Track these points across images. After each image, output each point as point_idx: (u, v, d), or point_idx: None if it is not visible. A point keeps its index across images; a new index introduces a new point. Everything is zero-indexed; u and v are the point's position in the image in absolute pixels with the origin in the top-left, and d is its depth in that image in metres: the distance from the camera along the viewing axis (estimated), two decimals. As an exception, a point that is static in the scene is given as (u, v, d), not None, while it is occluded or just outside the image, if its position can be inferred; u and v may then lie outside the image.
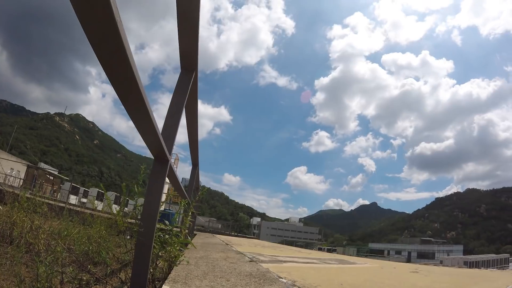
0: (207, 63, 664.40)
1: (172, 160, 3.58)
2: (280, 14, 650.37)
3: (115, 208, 3.46)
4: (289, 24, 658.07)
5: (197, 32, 2.85)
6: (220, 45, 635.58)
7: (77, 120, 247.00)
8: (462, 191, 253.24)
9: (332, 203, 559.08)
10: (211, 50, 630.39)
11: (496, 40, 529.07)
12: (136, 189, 3.21)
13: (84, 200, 33.36)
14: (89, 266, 3.55)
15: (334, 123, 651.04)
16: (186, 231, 4.42)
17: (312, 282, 3.54)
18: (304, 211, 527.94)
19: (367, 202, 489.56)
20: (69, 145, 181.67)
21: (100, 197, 32.34)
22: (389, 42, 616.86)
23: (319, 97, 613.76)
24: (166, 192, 32.54)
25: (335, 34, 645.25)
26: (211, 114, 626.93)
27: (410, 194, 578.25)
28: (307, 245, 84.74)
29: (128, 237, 3.50)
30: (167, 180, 3.33)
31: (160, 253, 3.33)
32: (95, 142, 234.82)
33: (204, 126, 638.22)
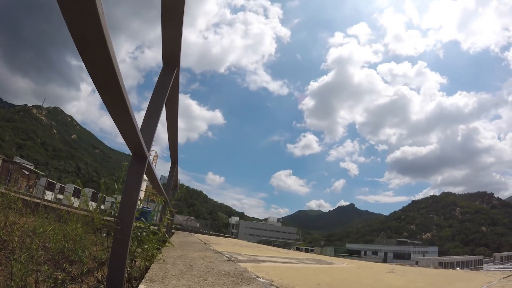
0: (209, 66, 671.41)
1: (151, 157, 3.53)
2: (276, 24, 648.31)
3: (92, 205, 3.40)
4: (284, 33, 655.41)
5: (181, 28, 2.82)
6: (223, 49, 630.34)
7: (55, 114, 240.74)
8: (438, 194, 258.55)
9: (313, 205, 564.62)
10: (213, 53, 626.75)
11: (477, 54, 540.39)
12: (116, 186, 3.16)
13: (61, 196, 32.72)
14: (64, 265, 3.48)
15: (323, 127, 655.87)
16: (164, 229, 4.37)
17: (289, 282, 3.55)
18: (285, 211, 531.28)
19: (345, 204, 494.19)
20: (46, 139, 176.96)
21: (76, 193, 31.76)
22: (387, 53, 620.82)
23: (309, 102, 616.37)
24: (144, 189, 32.21)
25: (334, 42, 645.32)
26: (206, 117, 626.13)
27: (388, 197, 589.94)
28: (285, 245, 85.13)
29: (104, 234, 3.44)
30: (145, 177, 3.29)
31: (137, 252, 3.29)
32: (72, 136, 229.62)
33: (197, 128, 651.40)
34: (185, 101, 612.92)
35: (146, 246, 3.35)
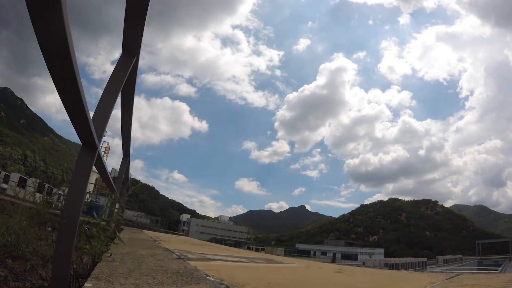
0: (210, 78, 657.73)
1: (103, 149, 3.40)
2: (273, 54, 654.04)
3: (38, 196, 3.22)
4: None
5: (144, 16, 2.75)
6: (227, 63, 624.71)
7: (5, 95, 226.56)
8: (385, 200, 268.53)
9: (269, 206, 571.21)
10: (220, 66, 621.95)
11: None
12: (65, 177, 3.02)
13: (5, 185, 31.04)
14: (7, 261, 3.30)
15: (295, 137, 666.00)
16: (114, 225, 4.25)
17: (240, 281, 3.55)
18: (241, 211, 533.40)
19: (296, 205, 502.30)
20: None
21: (22, 183, 30.23)
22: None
23: (286, 113, 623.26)
24: (94, 182, 31.18)
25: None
26: (195, 125, 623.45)
27: (340, 203, 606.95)
28: (236, 244, 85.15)
29: (50, 229, 3.28)
30: (96, 169, 3.18)
31: (84, 248, 3.16)
32: (21, 121, 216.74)
33: (180, 132, 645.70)
34: (176, 103, 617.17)
35: (94, 243, 3.23)
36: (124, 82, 2.96)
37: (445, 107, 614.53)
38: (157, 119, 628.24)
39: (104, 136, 2.73)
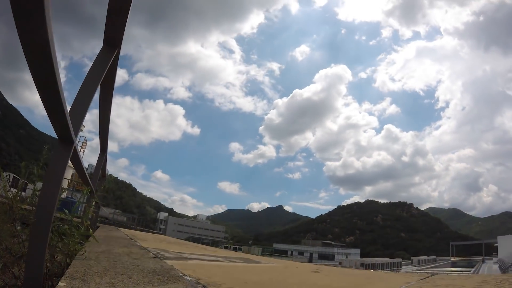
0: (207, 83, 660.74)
1: (80, 144, 3.32)
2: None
3: (12, 192, 3.12)
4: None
5: (128, 7, 2.69)
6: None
7: None
8: (362, 202, 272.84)
9: (250, 206, 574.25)
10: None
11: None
12: (35, 171, 2.93)
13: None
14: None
15: (280, 141, 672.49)
16: (88, 222, 4.16)
17: (217, 280, 3.52)
18: (218, 210, 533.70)
19: (274, 205, 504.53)
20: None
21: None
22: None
23: (275, 117, 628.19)
24: (69, 178, 30.59)
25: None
26: (187, 130, 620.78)
27: (318, 205, 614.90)
28: (213, 243, 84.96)
29: (19, 227, 3.17)
30: (71, 164, 3.10)
31: (58, 246, 3.08)
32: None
33: (172, 134, 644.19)
34: (170, 106, 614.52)
35: (68, 240, 3.16)
36: (104, 75, 2.90)
37: (423, 116, 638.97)
38: (150, 121, 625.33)
39: (82, 130, 2.64)
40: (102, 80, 2.87)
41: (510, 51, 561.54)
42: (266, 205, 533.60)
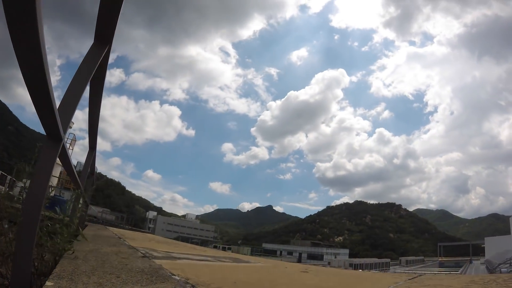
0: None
1: (69, 141, 3.29)
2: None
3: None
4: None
5: (120, 3, 2.68)
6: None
7: None
8: (351, 202, 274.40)
9: (241, 206, 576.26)
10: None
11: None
12: (26, 169, 2.90)
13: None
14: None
15: (273, 142, 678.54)
16: (77, 221, 4.13)
17: (206, 280, 3.52)
18: (208, 210, 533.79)
19: (263, 205, 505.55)
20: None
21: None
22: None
23: (268, 119, 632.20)
24: (58, 176, 30.29)
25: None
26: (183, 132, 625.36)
27: (308, 205, 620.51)
28: (202, 243, 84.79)
29: (6, 225, 3.13)
30: (60, 162, 3.08)
31: (46, 245, 3.05)
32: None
33: (167, 136, 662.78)
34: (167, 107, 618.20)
35: (56, 239, 3.13)
36: (94, 72, 2.86)
37: (412, 120, 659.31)
38: (145, 121, 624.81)
39: (71, 127, 2.62)
40: (92, 77, 2.83)
41: (503, 61, 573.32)
42: (257, 205, 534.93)
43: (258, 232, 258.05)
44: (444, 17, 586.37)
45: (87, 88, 2.98)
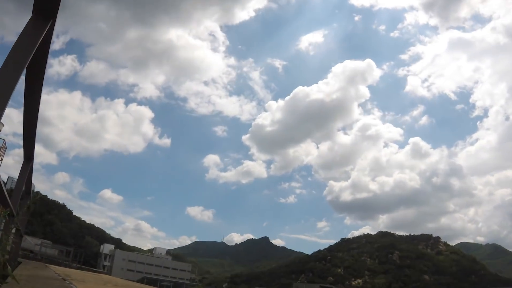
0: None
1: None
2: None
3: None
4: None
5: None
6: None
7: None
8: (373, 234, 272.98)
9: (235, 238, 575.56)
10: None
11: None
12: None
13: None
14: None
15: (272, 155, 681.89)
16: (6, 257, 3.99)
17: None
18: (182, 242, 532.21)
19: (256, 237, 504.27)
20: None
21: None
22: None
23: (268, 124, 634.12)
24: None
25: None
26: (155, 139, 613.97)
27: (316, 237, 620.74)
28: (176, 286, 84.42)
29: None
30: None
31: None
32: None
33: (134, 145, 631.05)
34: (136, 107, 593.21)
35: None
36: (32, 57, 2.74)
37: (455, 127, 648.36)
38: (105, 125, 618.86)
39: (0, 130, 2.52)
40: (29, 63, 2.71)
41: None
42: (249, 236, 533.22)
43: (249, 273, 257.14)
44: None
45: (23, 77, 2.86)
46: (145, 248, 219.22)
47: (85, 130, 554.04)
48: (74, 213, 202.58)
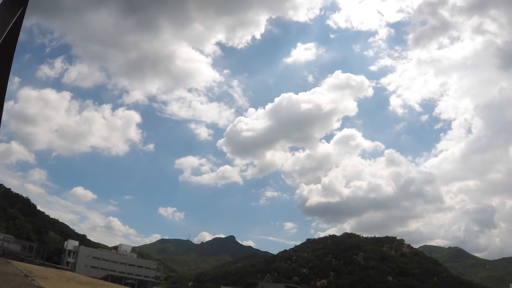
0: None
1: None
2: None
3: None
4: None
5: None
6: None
7: None
8: (338, 235, 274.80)
9: (207, 237, 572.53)
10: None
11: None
12: None
13: None
14: None
15: (246, 159, 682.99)
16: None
17: None
18: (153, 239, 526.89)
19: (223, 236, 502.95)
20: None
21: None
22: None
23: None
24: None
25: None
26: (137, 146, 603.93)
27: (283, 239, 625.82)
28: (140, 285, 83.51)
29: None
30: None
31: None
32: None
33: (116, 147, 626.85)
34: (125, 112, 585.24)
35: None
36: (1, 41, 2.64)
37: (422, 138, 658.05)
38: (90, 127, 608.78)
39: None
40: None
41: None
42: (222, 236, 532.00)
43: (215, 271, 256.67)
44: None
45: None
46: (113, 245, 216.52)
47: (68, 131, 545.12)
48: (38, 208, 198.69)
